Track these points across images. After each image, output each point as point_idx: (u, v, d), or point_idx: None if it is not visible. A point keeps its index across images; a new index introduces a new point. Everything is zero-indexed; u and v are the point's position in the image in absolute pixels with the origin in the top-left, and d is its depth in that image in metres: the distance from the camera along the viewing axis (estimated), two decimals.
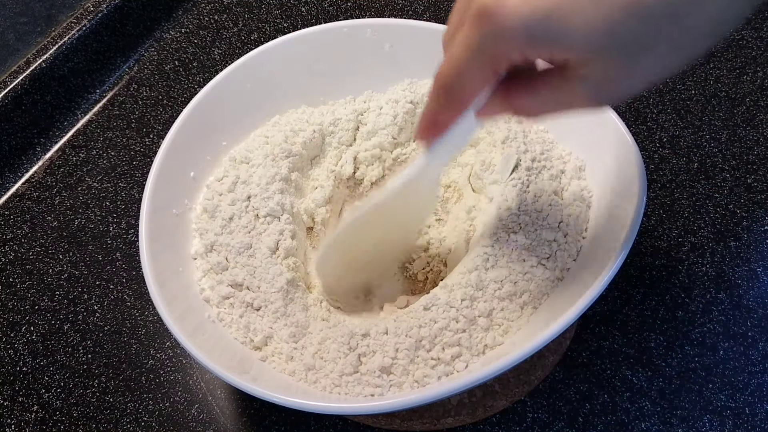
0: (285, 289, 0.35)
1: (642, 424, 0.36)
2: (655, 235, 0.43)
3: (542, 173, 0.38)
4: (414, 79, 0.44)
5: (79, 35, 0.55)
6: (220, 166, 0.41)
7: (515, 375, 0.37)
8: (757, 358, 0.38)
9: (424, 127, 0.29)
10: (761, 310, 0.39)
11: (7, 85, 0.51)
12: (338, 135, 0.43)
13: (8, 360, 0.42)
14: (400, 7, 0.61)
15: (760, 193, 0.45)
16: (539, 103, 0.25)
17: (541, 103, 0.25)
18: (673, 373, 0.37)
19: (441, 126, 0.28)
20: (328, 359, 0.33)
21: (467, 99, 0.26)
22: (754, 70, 0.51)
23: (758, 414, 0.36)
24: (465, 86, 0.25)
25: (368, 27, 0.44)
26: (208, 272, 0.37)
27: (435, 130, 0.28)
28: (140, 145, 0.53)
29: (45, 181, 0.51)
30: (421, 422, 0.37)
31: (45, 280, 0.45)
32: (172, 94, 0.56)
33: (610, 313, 0.40)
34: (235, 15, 0.62)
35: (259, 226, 0.38)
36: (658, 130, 0.48)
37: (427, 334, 0.32)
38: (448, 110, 0.27)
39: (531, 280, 0.34)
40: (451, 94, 0.26)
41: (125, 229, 0.48)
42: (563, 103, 0.25)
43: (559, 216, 0.36)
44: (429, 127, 0.28)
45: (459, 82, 0.25)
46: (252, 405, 0.38)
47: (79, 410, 0.39)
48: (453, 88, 0.25)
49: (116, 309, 0.43)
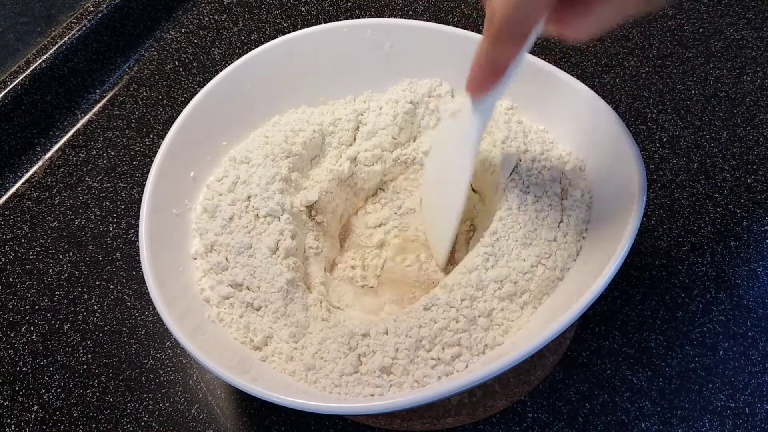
0: (285, 289, 0.35)
1: (642, 424, 0.36)
2: (655, 235, 0.43)
3: (542, 173, 0.38)
4: (414, 79, 0.44)
5: (79, 35, 0.55)
6: (220, 166, 0.41)
7: (515, 375, 0.37)
8: (757, 358, 0.38)
9: (484, 75, 0.26)
10: (761, 310, 0.39)
11: (7, 85, 0.51)
12: (338, 135, 0.43)
13: (8, 360, 0.42)
14: (400, 7, 0.61)
15: (760, 193, 0.45)
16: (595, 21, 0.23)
17: (597, 21, 0.23)
18: (673, 373, 0.37)
19: (502, 69, 0.26)
20: (328, 359, 0.33)
21: (530, 30, 0.24)
22: (754, 70, 0.51)
23: (758, 414, 0.36)
24: (529, 14, 0.23)
25: (368, 27, 0.44)
26: (208, 272, 0.37)
27: (495, 75, 0.26)
28: (140, 145, 0.53)
29: (45, 181, 0.51)
30: (421, 422, 0.37)
31: (45, 280, 0.45)
32: (172, 94, 0.56)
33: (610, 313, 0.40)
34: (235, 15, 0.62)
35: (259, 226, 0.38)
36: (658, 130, 0.48)
37: (427, 334, 0.32)
38: (509, 48, 0.25)
39: (531, 280, 0.34)
40: (514, 27, 0.23)
41: (125, 229, 0.48)
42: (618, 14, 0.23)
43: (559, 216, 0.36)
44: (490, 74, 0.26)
45: (521, 11, 0.23)
46: (252, 405, 0.38)
47: (79, 410, 0.39)
48: (515, 20, 0.23)
49: (116, 309, 0.43)
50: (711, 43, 0.54)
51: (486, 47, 0.25)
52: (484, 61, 0.26)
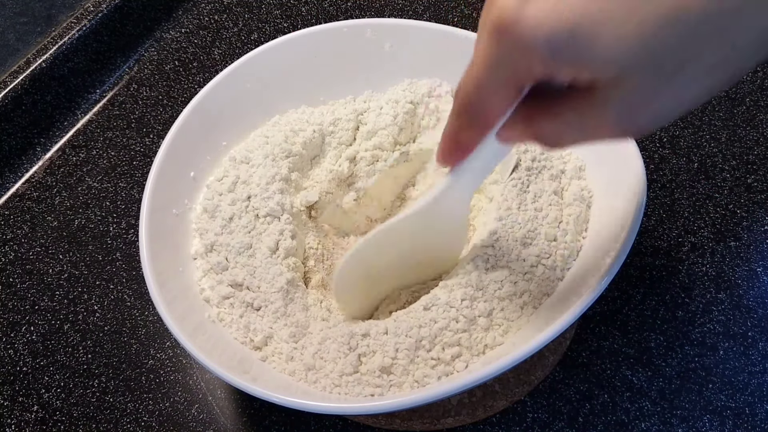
0: (285, 289, 0.35)
1: (642, 424, 0.36)
2: (655, 235, 0.43)
3: (542, 173, 0.38)
4: (414, 79, 0.44)
5: (79, 35, 0.55)
6: (220, 166, 0.41)
7: (515, 375, 0.37)
8: (757, 358, 0.38)
9: (446, 149, 0.26)
10: (761, 310, 0.39)
11: (7, 85, 0.51)
12: (338, 135, 0.43)
13: (8, 360, 0.42)
14: (400, 7, 0.61)
15: (760, 193, 0.45)
16: (563, 130, 0.23)
17: (564, 131, 0.23)
18: (673, 373, 0.37)
19: (464, 148, 0.26)
20: (328, 359, 0.33)
21: (490, 118, 0.23)
22: (754, 70, 0.51)
23: (758, 414, 0.36)
24: (486, 104, 0.23)
25: (368, 27, 0.44)
26: (208, 272, 0.37)
27: (458, 152, 0.26)
28: (140, 145, 0.53)
29: (45, 181, 0.51)
30: (421, 422, 0.37)
31: (45, 280, 0.45)
32: (172, 94, 0.56)
33: (610, 313, 0.40)
34: (235, 15, 0.62)
35: (259, 226, 0.38)
36: (658, 130, 0.48)
37: (427, 334, 0.32)
38: (470, 130, 0.24)
39: (531, 280, 0.34)
40: (473, 113, 0.23)
41: (125, 229, 0.48)
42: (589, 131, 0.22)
43: (559, 216, 0.36)
44: (452, 149, 0.26)
45: (479, 100, 0.23)
46: (252, 405, 0.38)
47: (79, 410, 0.39)
48: (474, 106, 0.23)
49: (116, 309, 0.43)
50: None
51: (450, 123, 0.25)
52: (448, 134, 0.26)
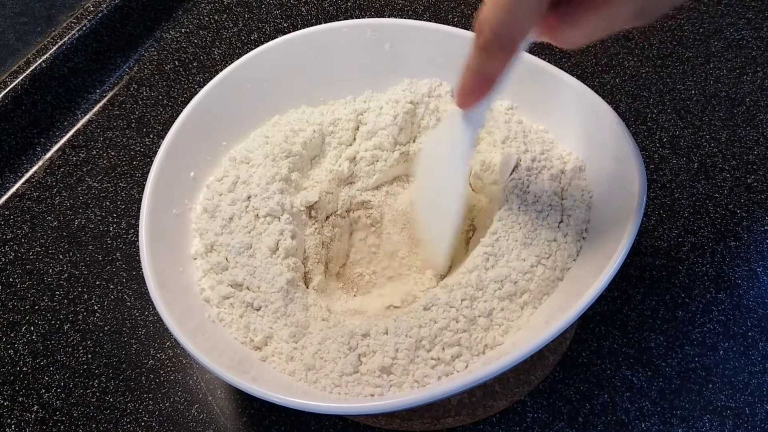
0: (285, 289, 0.35)
1: (642, 424, 0.36)
2: (655, 235, 0.43)
3: (542, 173, 0.38)
4: (414, 79, 0.44)
5: (79, 35, 0.55)
6: (220, 166, 0.41)
7: (515, 375, 0.37)
8: (757, 358, 0.38)
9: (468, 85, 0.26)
10: (761, 310, 0.39)
11: (7, 85, 0.51)
12: (338, 135, 0.43)
13: (8, 360, 0.42)
14: (400, 7, 0.61)
15: (760, 193, 0.45)
16: (586, 31, 0.23)
17: (587, 31, 0.23)
18: (673, 373, 0.37)
19: (491, 80, 0.25)
20: (328, 359, 0.33)
21: (519, 41, 0.23)
22: (754, 70, 0.51)
23: (758, 414, 0.36)
24: (517, 25, 0.22)
25: (368, 27, 0.44)
26: (208, 272, 0.37)
27: (484, 86, 0.26)
28: (140, 145, 0.53)
29: (45, 181, 0.51)
30: (421, 422, 0.37)
31: (45, 280, 0.45)
32: (172, 94, 0.56)
33: (610, 313, 0.40)
34: (235, 15, 0.62)
35: (259, 226, 0.38)
36: (658, 130, 0.48)
37: (427, 334, 0.32)
38: (499, 59, 0.24)
39: (531, 280, 0.34)
40: (502, 39, 0.23)
41: (125, 229, 0.48)
42: (608, 27, 0.23)
43: (559, 216, 0.36)
44: (476, 83, 0.26)
45: (509, 22, 0.22)
46: (252, 405, 0.38)
47: (79, 410, 0.39)
48: (503, 31, 0.23)
49: (116, 309, 0.43)
50: (711, 43, 0.54)
51: (475, 59, 0.25)
52: (474, 72, 0.26)
